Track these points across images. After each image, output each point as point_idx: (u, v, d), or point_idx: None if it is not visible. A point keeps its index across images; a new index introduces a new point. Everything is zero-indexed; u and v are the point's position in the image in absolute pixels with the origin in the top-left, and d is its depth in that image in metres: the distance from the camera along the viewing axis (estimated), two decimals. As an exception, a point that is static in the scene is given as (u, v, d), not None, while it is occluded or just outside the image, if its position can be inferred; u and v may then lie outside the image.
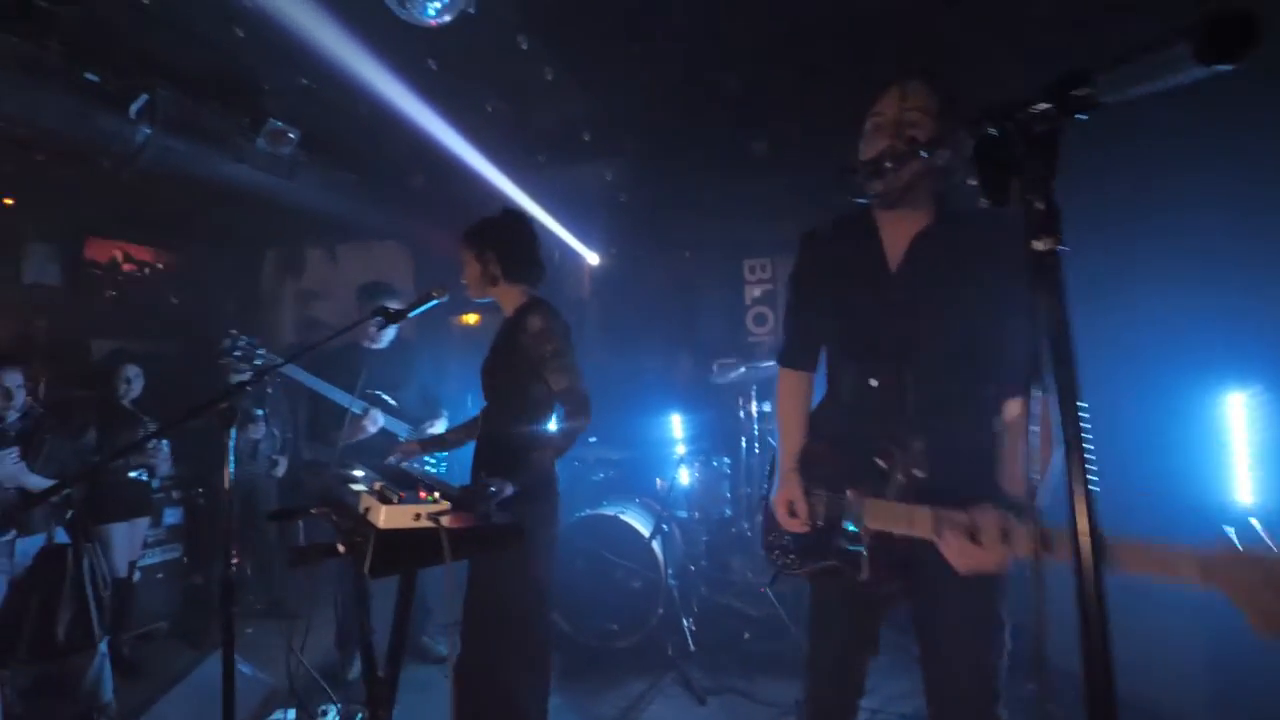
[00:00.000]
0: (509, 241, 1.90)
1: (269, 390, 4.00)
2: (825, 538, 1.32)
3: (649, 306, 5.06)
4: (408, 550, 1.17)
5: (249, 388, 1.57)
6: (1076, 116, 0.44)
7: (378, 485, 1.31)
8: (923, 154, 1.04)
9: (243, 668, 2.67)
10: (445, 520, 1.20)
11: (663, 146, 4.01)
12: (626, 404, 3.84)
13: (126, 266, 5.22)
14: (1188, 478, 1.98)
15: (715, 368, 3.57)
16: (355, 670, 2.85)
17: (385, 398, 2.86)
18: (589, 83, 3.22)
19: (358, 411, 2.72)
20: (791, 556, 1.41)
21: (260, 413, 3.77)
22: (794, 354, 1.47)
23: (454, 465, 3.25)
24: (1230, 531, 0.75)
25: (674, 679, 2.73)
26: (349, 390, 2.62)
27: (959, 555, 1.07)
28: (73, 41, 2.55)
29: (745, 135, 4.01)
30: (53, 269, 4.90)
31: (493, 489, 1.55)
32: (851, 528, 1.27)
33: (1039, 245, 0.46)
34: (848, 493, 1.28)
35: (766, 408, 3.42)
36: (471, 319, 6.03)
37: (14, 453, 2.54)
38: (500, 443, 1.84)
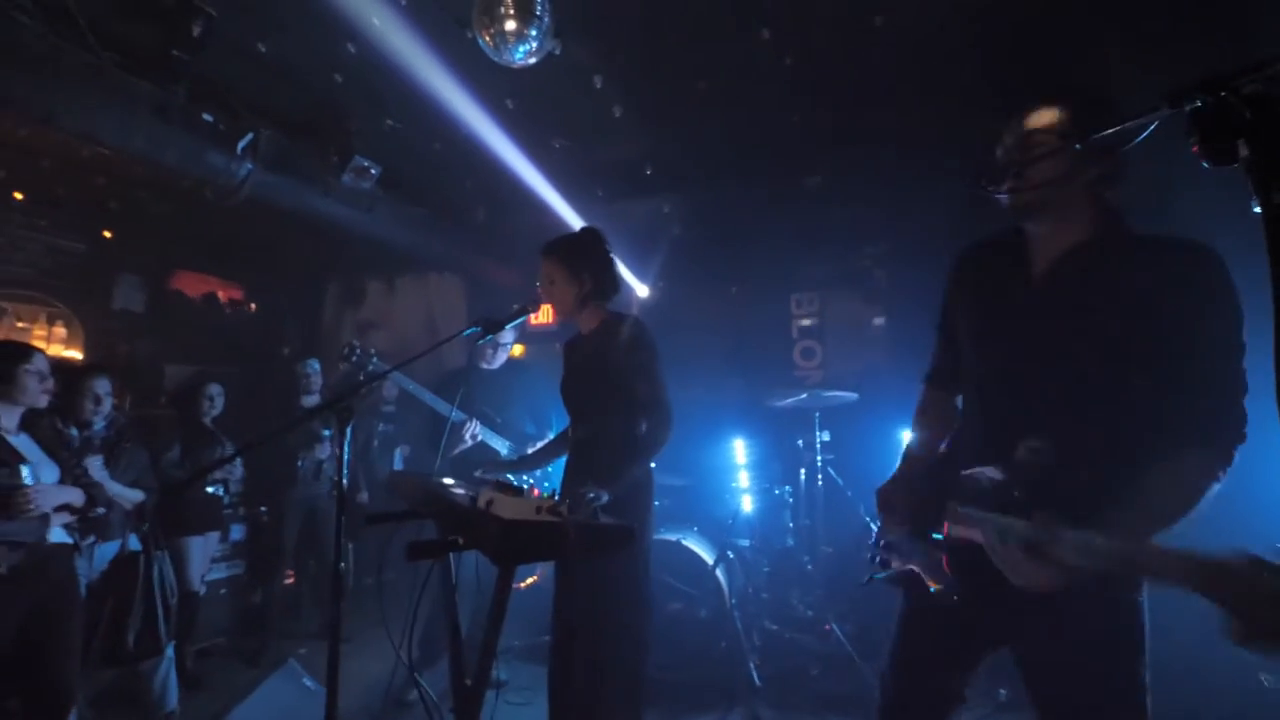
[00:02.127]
0: (604, 263, 1.94)
1: (348, 439, 4.15)
2: (916, 542, 1.32)
3: (697, 339, 5.11)
4: (530, 542, 1.20)
5: (362, 391, 1.65)
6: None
7: (495, 482, 1.35)
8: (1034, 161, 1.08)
9: (307, 682, 2.70)
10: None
11: (717, 181, 4.14)
12: (680, 432, 3.84)
13: (199, 297, 5.55)
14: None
15: (771, 398, 3.57)
16: (414, 693, 2.84)
17: (490, 413, 2.96)
18: (653, 119, 3.38)
19: (455, 420, 2.82)
20: (885, 555, 1.40)
21: (327, 433, 3.89)
22: (935, 372, 1.47)
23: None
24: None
25: (741, 714, 2.64)
26: (452, 402, 2.74)
27: (1007, 566, 1.05)
28: (193, 86, 2.82)
29: (796, 171, 4.13)
30: (138, 297, 5.25)
31: (591, 495, 1.57)
32: (936, 535, 1.27)
33: (1277, 199, 0.48)
34: (949, 503, 1.27)
35: (827, 437, 3.39)
36: (517, 351, 6.18)
37: (99, 461, 2.67)
38: (593, 454, 1.87)
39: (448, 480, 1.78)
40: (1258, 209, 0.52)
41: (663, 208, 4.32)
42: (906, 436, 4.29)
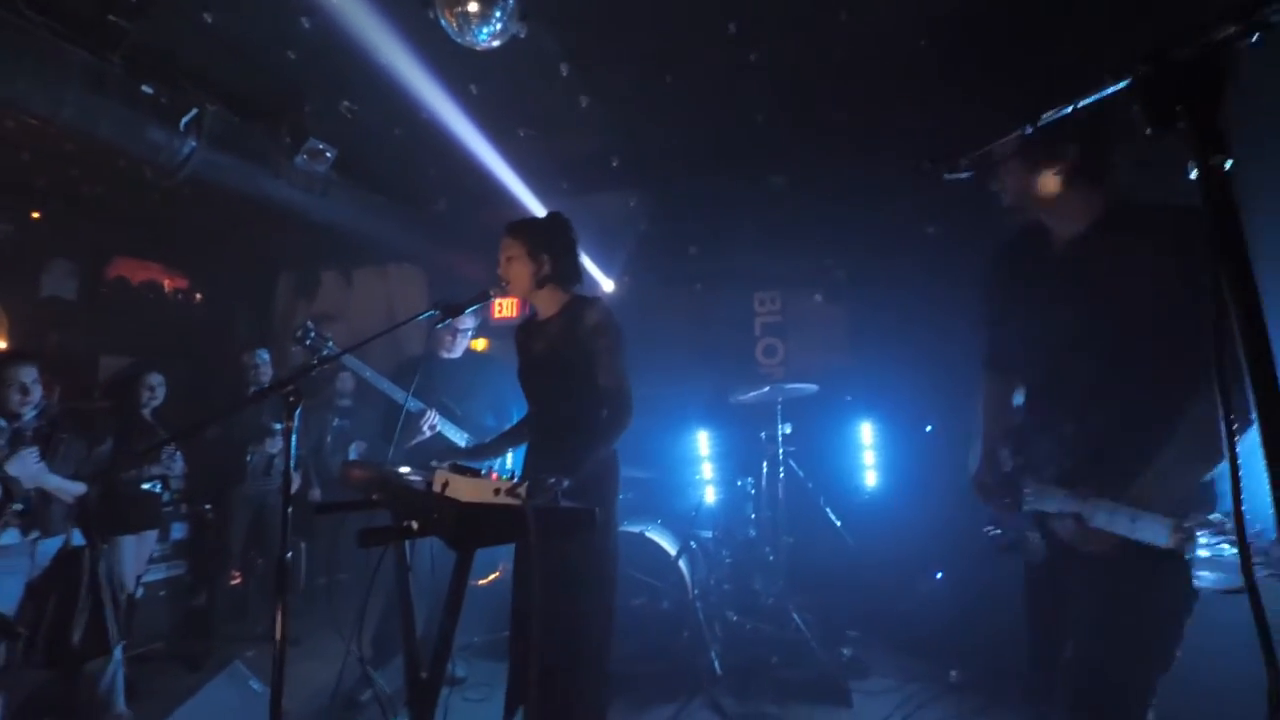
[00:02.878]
0: (564, 244, 1.90)
1: (292, 424, 3.99)
2: (1015, 518, 1.39)
3: (662, 334, 5.13)
4: (488, 525, 1.17)
5: (313, 372, 1.58)
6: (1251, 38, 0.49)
7: (451, 465, 1.31)
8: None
9: (254, 684, 2.58)
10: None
11: (683, 177, 4.16)
12: (643, 425, 3.85)
13: (140, 284, 5.25)
14: None
15: (735, 393, 3.60)
16: (368, 693, 2.75)
17: (449, 404, 2.88)
18: (619, 111, 3.36)
19: (413, 410, 2.73)
20: (994, 528, 1.46)
21: (278, 426, 3.73)
22: (992, 357, 1.54)
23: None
24: None
25: (703, 703, 2.65)
26: (408, 391, 2.66)
27: (1067, 535, 1.20)
28: (132, 56, 2.66)
29: (761, 169, 4.18)
30: (70, 284, 4.93)
31: (552, 480, 1.54)
32: (1027, 509, 1.36)
33: (1214, 161, 0.50)
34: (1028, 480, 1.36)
35: (788, 429, 3.44)
36: (479, 345, 6.07)
37: (34, 453, 2.49)
38: (554, 440, 1.84)
39: (403, 469, 1.72)
40: (1193, 174, 0.54)
41: (629, 201, 4.30)
42: (866, 428, 4.33)
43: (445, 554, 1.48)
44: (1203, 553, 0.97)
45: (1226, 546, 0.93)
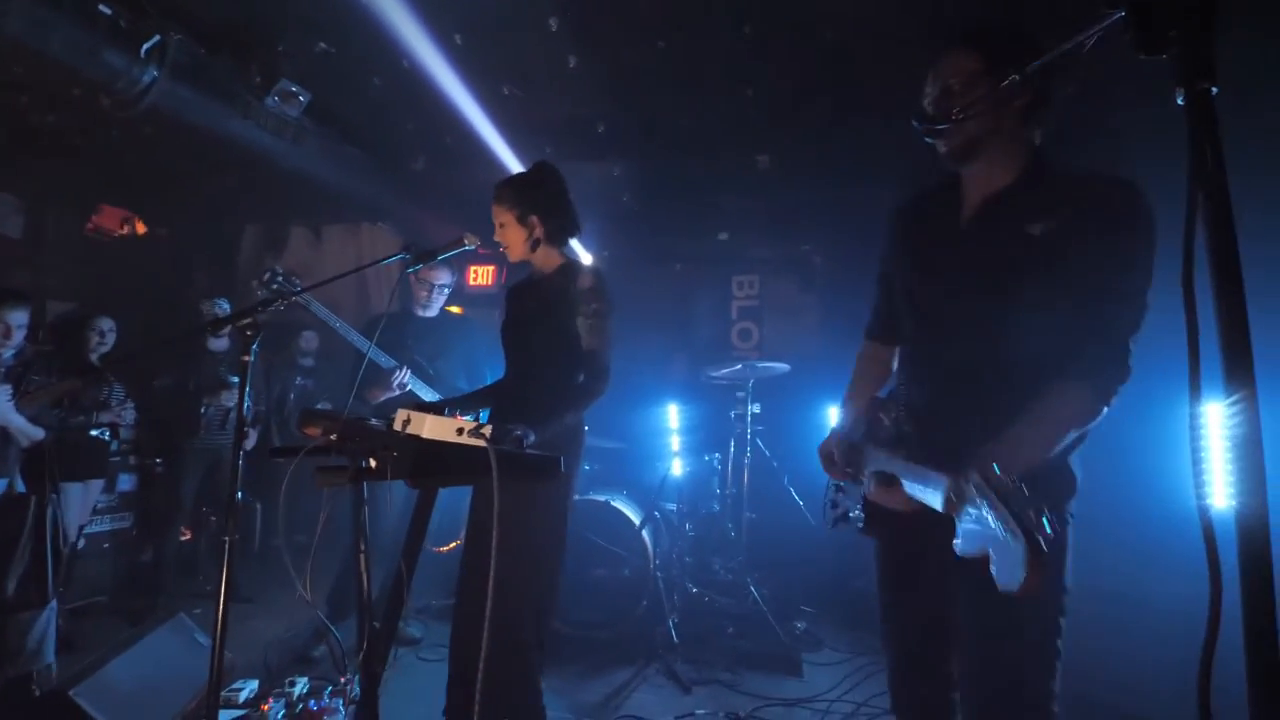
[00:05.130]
0: (553, 203, 1.88)
1: (248, 358, 3.84)
2: (853, 488, 1.35)
3: (640, 311, 5.11)
4: (449, 464, 1.14)
5: (267, 309, 1.51)
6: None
7: (414, 404, 1.28)
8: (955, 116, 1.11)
9: (199, 638, 2.51)
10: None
11: (668, 152, 4.11)
12: (617, 397, 3.84)
13: (93, 227, 4.98)
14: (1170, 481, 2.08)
15: (709, 370, 3.61)
16: (320, 647, 2.71)
17: (422, 362, 2.81)
18: (608, 76, 3.29)
19: (384, 366, 2.66)
20: (836, 503, 1.43)
21: (235, 380, 3.60)
22: (874, 323, 1.48)
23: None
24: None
25: (659, 669, 2.68)
26: (376, 342, 2.58)
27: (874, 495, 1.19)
28: (90, -28, 2.48)
29: (745, 150, 4.15)
30: (15, 221, 4.65)
31: (518, 432, 1.52)
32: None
33: (1201, 85, 0.50)
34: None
35: (757, 409, 3.47)
36: (455, 310, 5.95)
37: (7, 390, 2.40)
38: (525, 397, 1.81)
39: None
40: (1181, 100, 0.54)
41: (613, 171, 4.24)
42: (834, 412, 4.41)
43: (407, 516, 1.43)
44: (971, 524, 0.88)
45: (990, 519, 0.83)
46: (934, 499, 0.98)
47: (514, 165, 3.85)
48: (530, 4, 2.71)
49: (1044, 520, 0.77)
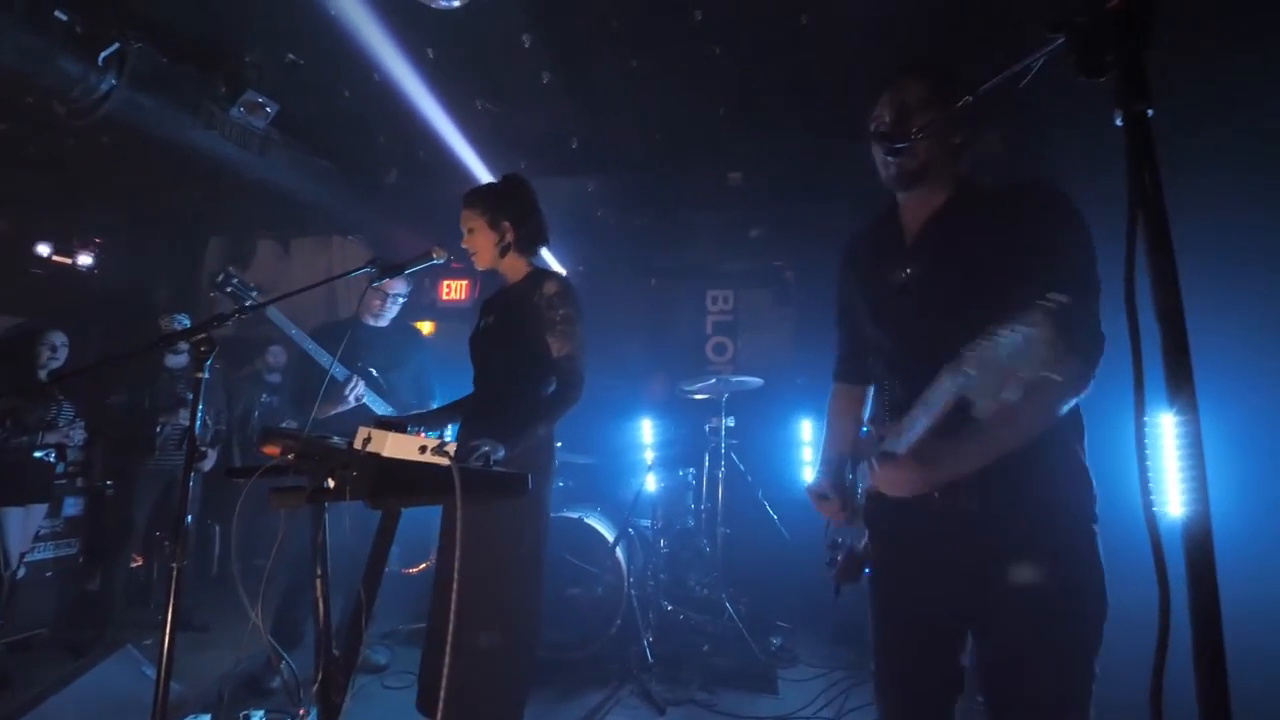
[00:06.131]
0: (524, 211, 1.87)
1: (205, 375, 3.70)
2: (853, 534, 1.33)
3: (614, 325, 5.11)
4: (411, 483, 1.10)
5: (228, 322, 1.46)
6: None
7: (375, 419, 1.24)
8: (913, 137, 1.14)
9: (148, 670, 2.38)
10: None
11: (642, 167, 4.14)
12: (590, 411, 3.81)
13: (48, 241, 4.79)
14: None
15: (683, 385, 3.61)
16: (278, 678, 2.59)
17: (374, 374, 2.74)
18: (582, 92, 3.31)
19: (339, 378, 2.58)
20: (836, 556, 1.37)
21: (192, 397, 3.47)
22: (840, 364, 1.48)
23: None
24: None
25: (633, 690, 2.63)
26: (332, 354, 2.51)
27: (879, 482, 1.13)
28: (45, -23, 2.42)
29: (719, 166, 4.22)
30: (-38, 233, 4.45)
31: (485, 449, 1.49)
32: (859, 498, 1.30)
33: (1138, 107, 0.52)
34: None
35: (731, 423, 3.48)
36: (426, 329, 5.86)
37: None
38: (495, 409, 1.77)
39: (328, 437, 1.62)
40: (1119, 122, 0.56)
41: (587, 187, 4.25)
42: (807, 425, 4.44)
43: (364, 539, 1.37)
44: None
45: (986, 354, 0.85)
46: (934, 405, 0.97)
47: (487, 179, 3.83)
48: (504, 20, 2.72)
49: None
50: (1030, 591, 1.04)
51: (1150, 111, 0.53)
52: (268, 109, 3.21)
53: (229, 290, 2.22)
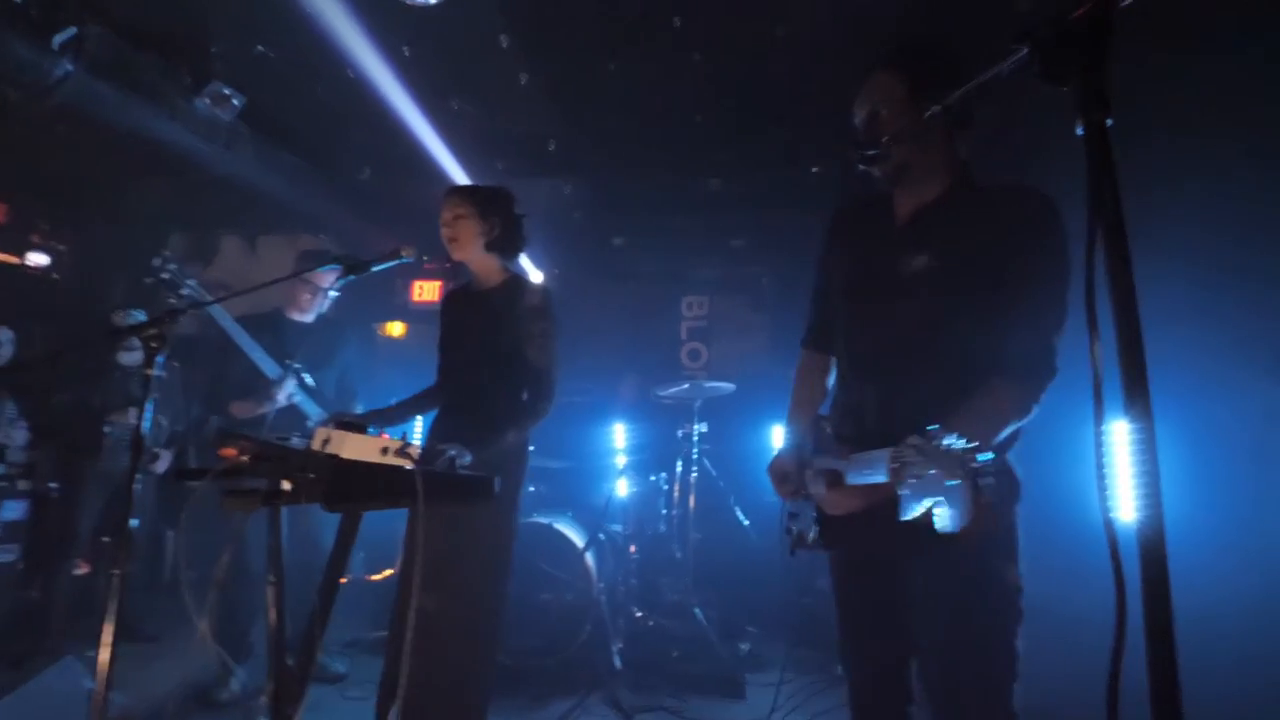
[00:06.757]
0: (510, 215, 1.89)
1: (160, 374, 3.54)
2: (806, 504, 1.33)
3: (589, 330, 5.09)
4: (369, 485, 1.07)
5: (176, 318, 1.40)
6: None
7: (335, 419, 1.20)
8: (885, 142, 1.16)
9: (88, 683, 2.26)
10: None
11: (620, 171, 4.15)
12: (561, 415, 3.76)
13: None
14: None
15: (657, 390, 3.61)
16: (229, 690, 2.48)
17: (304, 374, 2.63)
18: (559, 94, 3.30)
19: (272, 377, 2.47)
20: (792, 525, 1.40)
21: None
22: (810, 332, 1.48)
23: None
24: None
25: (601, 698, 2.60)
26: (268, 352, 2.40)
27: (822, 500, 1.20)
28: (-3, -44, 2.31)
29: (696, 172, 4.24)
30: (-100, 220, 4.21)
31: (451, 453, 1.45)
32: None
33: (1097, 116, 0.53)
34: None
35: (704, 428, 3.48)
36: (397, 330, 5.75)
37: None
38: (466, 417, 1.75)
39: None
40: (1080, 130, 0.57)
41: (564, 190, 4.24)
42: (779, 432, 4.47)
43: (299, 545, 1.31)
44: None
45: (931, 473, 0.86)
46: (878, 474, 1.00)
47: (463, 180, 3.79)
48: (481, 20, 2.70)
49: (981, 460, 0.80)
50: (952, 569, 1.12)
51: (1110, 121, 0.54)
52: (234, 101, 3.11)
53: (164, 276, 2.10)
